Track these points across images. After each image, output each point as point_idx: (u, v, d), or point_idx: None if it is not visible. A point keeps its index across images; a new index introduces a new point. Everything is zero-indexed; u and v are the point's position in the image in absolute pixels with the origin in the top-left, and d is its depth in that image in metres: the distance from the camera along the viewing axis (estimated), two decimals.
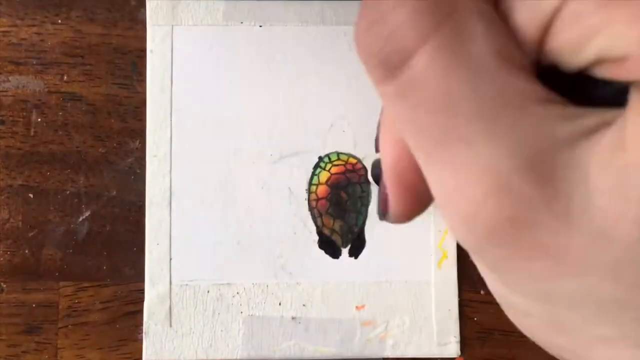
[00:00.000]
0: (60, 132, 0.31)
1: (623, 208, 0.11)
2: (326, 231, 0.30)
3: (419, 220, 0.31)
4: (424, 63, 0.12)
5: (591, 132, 0.12)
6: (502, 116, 0.12)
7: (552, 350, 0.15)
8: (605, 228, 0.12)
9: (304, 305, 0.30)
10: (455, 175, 0.12)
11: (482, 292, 0.31)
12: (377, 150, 0.19)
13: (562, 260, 0.12)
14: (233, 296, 0.30)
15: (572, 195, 0.12)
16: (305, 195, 0.30)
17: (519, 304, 0.15)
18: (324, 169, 0.30)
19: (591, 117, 0.12)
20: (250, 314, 0.30)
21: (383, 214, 0.18)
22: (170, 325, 0.30)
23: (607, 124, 0.12)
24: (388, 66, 0.12)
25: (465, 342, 0.30)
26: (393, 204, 0.16)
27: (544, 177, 0.12)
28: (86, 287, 0.30)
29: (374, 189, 0.30)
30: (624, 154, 0.11)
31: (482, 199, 0.12)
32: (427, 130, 0.12)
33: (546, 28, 0.12)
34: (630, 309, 0.12)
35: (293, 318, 0.30)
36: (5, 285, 0.30)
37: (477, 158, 0.12)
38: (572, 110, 0.12)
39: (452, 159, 0.12)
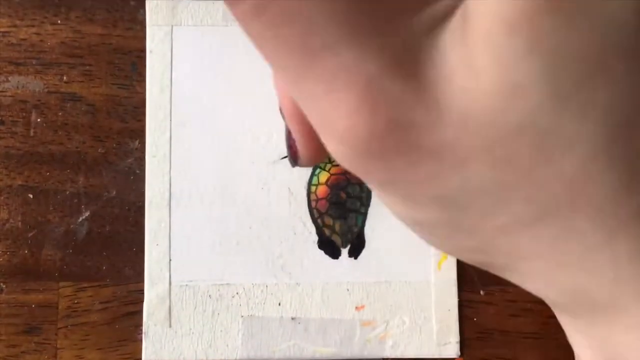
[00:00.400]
0: (60, 133, 0.31)
1: (474, 82, 0.12)
2: (326, 231, 0.30)
3: None
4: None
5: (444, 16, 0.12)
6: (359, 17, 0.12)
7: (464, 256, 0.15)
8: (467, 109, 0.12)
9: (303, 305, 0.30)
10: (326, 91, 0.12)
11: (482, 292, 0.31)
12: (281, 114, 0.20)
13: (440, 157, 0.12)
14: (233, 296, 0.30)
15: (437, 84, 0.12)
16: (305, 196, 0.30)
17: (421, 219, 0.15)
18: (324, 169, 0.30)
19: (438, 3, 0.12)
20: (250, 314, 0.30)
21: (294, 161, 0.18)
22: (170, 326, 0.30)
23: (456, 6, 0.12)
24: None
25: (465, 342, 0.30)
26: (300, 148, 0.17)
27: (411, 72, 0.12)
28: (86, 287, 0.30)
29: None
30: (467, 26, 0.11)
31: (356, 107, 0.12)
32: (289, 45, 0.12)
33: None
34: (513, 189, 0.13)
35: (293, 318, 0.30)
36: (4, 286, 0.30)
37: (344, 65, 0.12)
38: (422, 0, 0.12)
39: (320, 73, 0.12)
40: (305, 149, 0.17)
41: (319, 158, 0.17)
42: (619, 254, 0.13)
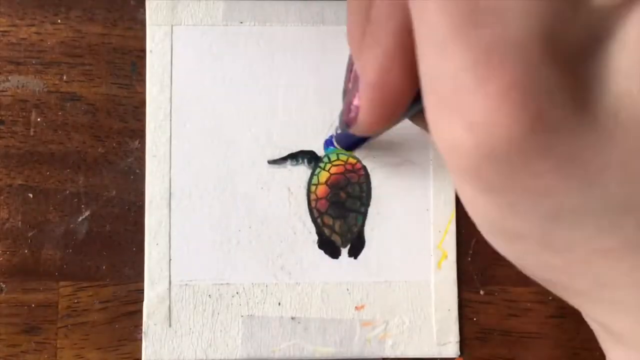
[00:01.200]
0: (60, 132, 0.31)
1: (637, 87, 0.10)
2: (326, 231, 0.30)
3: (418, 220, 0.32)
4: None
5: (621, 5, 0.11)
6: None
7: (538, 274, 0.14)
8: (620, 116, 0.11)
9: (303, 305, 0.30)
10: (476, 61, 0.10)
11: (482, 292, 0.31)
12: (345, 93, 0.18)
13: (571, 170, 0.11)
14: (232, 296, 0.30)
15: (593, 84, 0.11)
16: (305, 196, 0.30)
17: (512, 226, 0.13)
18: (324, 169, 0.30)
19: None
20: (250, 314, 0.30)
21: (347, 125, 0.17)
22: (170, 325, 0.30)
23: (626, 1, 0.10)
24: None
25: (465, 342, 0.30)
26: (363, 114, 0.15)
27: (570, 65, 0.11)
28: (85, 287, 0.30)
29: (374, 189, 0.30)
30: None
31: (505, 91, 0.10)
32: (451, 2, 0.11)
33: None
34: (634, 212, 0.12)
35: (292, 318, 0.30)
36: (4, 285, 0.30)
37: (506, 36, 0.10)
38: None
39: (478, 36, 0.10)
40: (368, 115, 0.15)
41: (378, 128, 0.15)
42: None
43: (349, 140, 0.25)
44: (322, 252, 0.30)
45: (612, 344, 0.15)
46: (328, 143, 0.30)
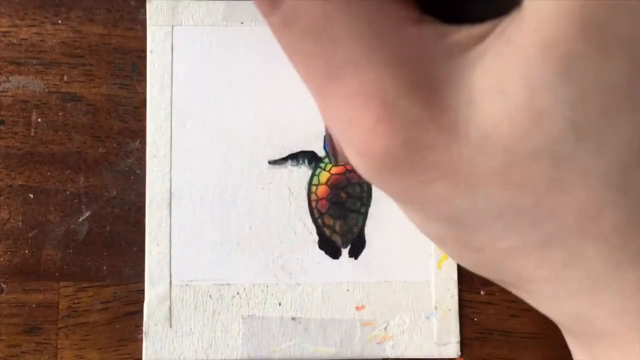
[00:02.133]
0: (60, 133, 0.31)
1: (502, 105, 0.12)
2: (326, 231, 0.30)
3: None
4: None
5: (468, 44, 0.12)
6: (381, 39, 0.12)
7: (475, 269, 0.16)
8: (487, 132, 0.12)
9: (303, 305, 0.30)
10: (346, 106, 0.12)
11: (482, 292, 0.31)
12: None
13: (453, 178, 0.12)
14: (233, 296, 0.30)
15: (457, 106, 0.12)
16: (305, 196, 0.30)
17: (434, 233, 0.15)
18: (324, 170, 0.30)
19: (462, 31, 0.12)
20: (250, 314, 0.30)
21: (334, 157, 0.19)
22: (170, 326, 0.30)
23: (480, 37, 0.12)
24: None
25: (465, 342, 0.30)
26: (339, 148, 0.17)
27: (429, 95, 0.12)
28: (86, 287, 0.30)
29: (374, 189, 0.30)
30: (504, 46, 0.12)
31: (374, 126, 0.12)
32: (314, 59, 0.13)
33: None
34: (524, 214, 0.13)
35: (293, 318, 0.30)
36: (5, 286, 0.30)
37: (363, 85, 0.12)
38: (445, 27, 0.12)
39: (341, 89, 0.12)
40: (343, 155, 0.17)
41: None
42: (625, 285, 0.13)
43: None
44: (322, 252, 0.30)
45: (566, 336, 0.17)
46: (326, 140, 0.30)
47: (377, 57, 0.12)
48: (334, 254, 0.30)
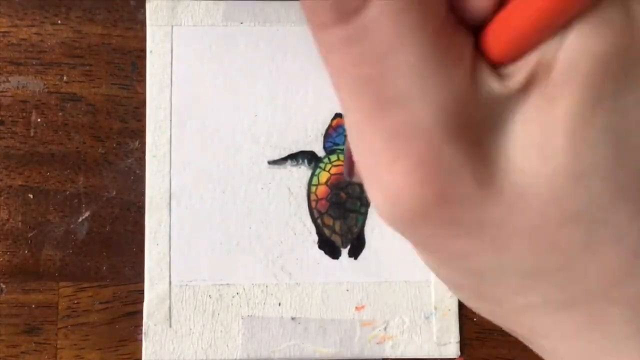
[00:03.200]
0: (60, 133, 0.31)
1: (540, 165, 0.11)
2: (326, 231, 0.30)
3: None
4: (379, 8, 0.11)
5: (519, 90, 0.12)
6: (441, 77, 0.11)
7: (489, 317, 0.15)
8: (523, 191, 0.12)
9: (303, 305, 0.30)
10: (384, 144, 0.12)
11: None
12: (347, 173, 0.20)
13: (481, 236, 0.12)
14: (233, 297, 0.30)
15: (496, 161, 0.12)
16: (305, 196, 0.30)
17: (449, 277, 0.14)
18: (324, 170, 0.30)
19: (519, 73, 0.12)
20: (250, 314, 0.30)
21: (349, 176, 0.18)
22: (170, 326, 0.30)
23: (525, 83, 0.12)
24: (343, 9, 0.11)
25: (464, 342, 0.30)
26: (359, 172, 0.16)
27: (472, 145, 0.12)
28: (86, 287, 0.30)
29: None
30: (549, 104, 0.11)
31: (411, 171, 0.12)
32: (366, 86, 0.12)
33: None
34: (549, 275, 0.12)
35: (293, 318, 0.30)
36: (4, 286, 0.30)
37: (410, 124, 0.11)
38: (495, 69, 0.12)
39: (384, 123, 0.12)
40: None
41: None
42: None
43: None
44: (322, 252, 0.30)
45: None
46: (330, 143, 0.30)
47: (432, 96, 0.11)
48: (334, 254, 0.30)
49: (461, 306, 0.30)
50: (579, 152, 0.11)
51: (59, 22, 0.31)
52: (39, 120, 0.31)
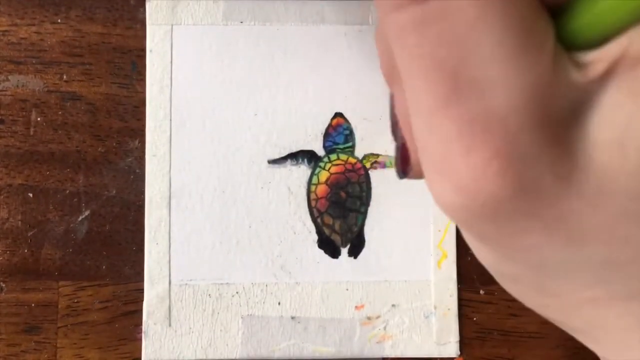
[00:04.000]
0: (60, 132, 0.31)
1: (621, 161, 0.11)
2: (326, 231, 0.30)
3: (418, 220, 0.32)
4: None
5: (598, 81, 0.11)
6: (522, 61, 0.11)
7: (538, 310, 0.15)
8: (602, 185, 0.11)
9: (303, 305, 0.30)
10: (458, 132, 0.11)
11: (481, 292, 0.31)
12: (393, 133, 0.18)
13: (554, 231, 0.12)
14: (232, 296, 0.30)
15: (575, 153, 0.11)
16: (305, 195, 0.30)
17: (508, 271, 0.14)
18: (324, 169, 0.30)
19: (600, 64, 0.11)
20: (250, 313, 0.30)
21: (403, 172, 0.17)
22: (170, 325, 0.30)
23: (606, 72, 0.11)
24: None
25: (464, 342, 0.30)
26: (415, 158, 0.15)
27: (552, 135, 0.11)
28: (85, 286, 0.30)
29: (374, 188, 0.30)
30: (635, 103, 0.11)
31: (487, 161, 0.11)
32: (441, 70, 0.11)
33: None
34: (618, 268, 0.12)
35: (292, 318, 0.30)
36: (4, 285, 0.30)
37: (488, 111, 0.11)
38: (577, 54, 0.11)
39: (459, 110, 0.11)
40: (419, 171, 0.15)
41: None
42: None
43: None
44: (322, 251, 0.30)
45: None
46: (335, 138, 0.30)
47: (514, 82, 0.11)
48: (334, 253, 0.30)
49: (461, 306, 0.30)
50: None
51: (59, 21, 0.31)
52: (38, 119, 0.31)
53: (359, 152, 0.31)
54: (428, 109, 0.12)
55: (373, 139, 0.31)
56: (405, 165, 0.16)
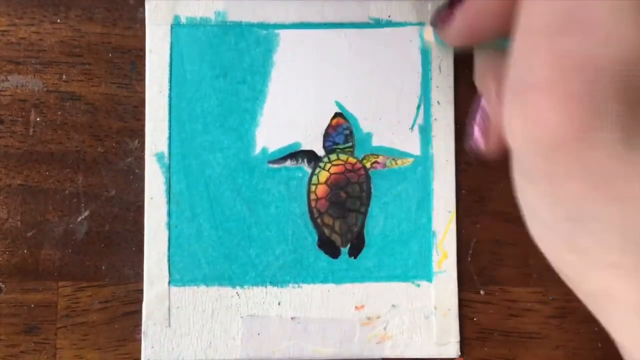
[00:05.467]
0: (59, 132, 0.30)
1: None
2: (326, 231, 0.30)
3: (418, 220, 0.31)
4: None
5: None
6: (638, 10, 0.11)
7: (557, 265, 0.15)
8: None
9: (303, 305, 0.30)
10: (555, 62, 0.11)
11: (482, 292, 0.30)
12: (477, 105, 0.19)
13: (604, 188, 0.12)
14: (232, 296, 0.30)
15: None
16: (305, 195, 0.30)
17: (544, 216, 0.14)
18: (324, 169, 0.30)
19: None
20: (249, 314, 0.30)
21: (476, 149, 0.18)
22: (169, 326, 0.30)
23: None
24: None
25: (465, 342, 0.30)
26: (458, 23, 0.16)
27: (636, 100, 0.11)
28: (85, 287, 0.30)
29: (374, 189, 0.30)
30: None
31: (566, 99, 0.11)
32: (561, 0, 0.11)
33: None
34: None
35: (292, 318, 0.30)
36: (3, 285, 0.30)
37: (590, 50, 0.11)
38: None
39: (564, 43, 0.11)
40: (460, 27, 0.17)
41: (458, 40, 0.18)
42: None
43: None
44: (321, 252, 0.30)
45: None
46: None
47: (623, 32, 0.11)
48: (334, 253, 0.30)
49: (461, 306, 0.30)
50: None
51: (58, 21, 0.31)
52: (38, 119, 0.30)
53: (359, 152, 0.30)
54: (531, 37, 0.12)
55: (373, 139, 0.30)
56: (481, 139, 0.17)
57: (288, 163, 0.30)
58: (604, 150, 0.12)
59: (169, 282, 0.30)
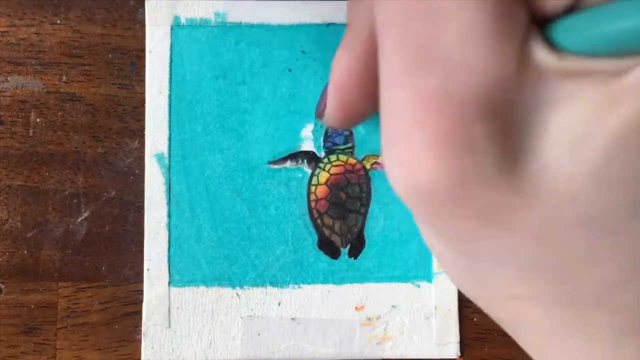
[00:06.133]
0: (59, 133, 0.30)
1: (568, 163, 0.11)
2: (326, 232, 0.30)
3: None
4: None
5: (572, 75, 0.11)
6: (493, 41, 0.11)
7: (475, 301, 0.15)
8: (541, 185, 0.11)
9: (303, 306, 0.30)
10: (415, 105, 0.11)
11: None
12: (319, 110, 0.20)
13: (490, 223, 0.12)
14: (232, 297, 0.30)
15: (524, 149, 0.11)
16: (305, 196, 0.30)
17: (446, 255, 0.14)
18: (324, 170, 0.30)
19: (576, 60, 0.11)
20: (250, 314, 0.30)
21: (319, 115, 0.18)
22: (169, 326, 0.30)
23: (578, 73, 0.11)
24: None
25: (465, 342, 0.30)
26: (329, 110, 0.16)
27: (504, 128, 0.11)
28: (85, 287, 0.30)
29: (374, 189, 0.30)
30: (607, 111, 0.11)
31: (432, 144, 0.11)
32: (414, 39, 0.11)
33: None
34: (544, 272, 0.12)
35: (292, 319, 0.30)
36: (3, 286, 0.30)
37: (448, 88, 0.11)
38: (551, 47, 0.11)
39: (422, 82, 0.11)
40: (333, 113, 0.16)
41: (343, 125, 0.17)
42: (625, 352, 0.12)
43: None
44: (321, 252, 0.30)
45: None
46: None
47: (479, 66, 0.11)
48: (334, 254, 0.30)
49: (461, 306, 0.30)
50: (614, 160, 0.11)
51: (58, 21, 0.31)
52: (38, 120, 0.30)
53: (359, 153, 0.30)
54: (393, 74, 0.12)
55: (373, 139, 0.30)
56: (319, 112, 0.17)
57: (288, 164, 0.30)
58: (483, 184, 0.11)
59: (169, 283, 0.30)
